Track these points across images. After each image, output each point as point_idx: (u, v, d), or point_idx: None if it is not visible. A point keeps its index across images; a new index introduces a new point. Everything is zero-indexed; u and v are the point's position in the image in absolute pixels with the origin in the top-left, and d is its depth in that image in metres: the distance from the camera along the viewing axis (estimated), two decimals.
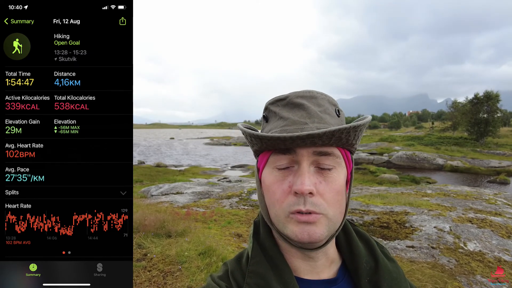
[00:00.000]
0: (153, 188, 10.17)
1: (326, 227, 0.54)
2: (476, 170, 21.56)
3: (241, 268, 0.60)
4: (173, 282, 3.22)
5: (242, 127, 0.60)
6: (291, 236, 0.54)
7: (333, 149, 0.54)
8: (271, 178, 0.56)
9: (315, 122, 0.54)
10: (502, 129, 39.31)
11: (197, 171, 19.39)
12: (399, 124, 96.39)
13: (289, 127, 0.54)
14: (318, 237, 0.53)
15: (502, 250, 4.09)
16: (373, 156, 26.44)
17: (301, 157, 0.53)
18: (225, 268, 0.62)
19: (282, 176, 0.55)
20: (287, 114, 0.56)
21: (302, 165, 0.53)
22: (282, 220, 0.55)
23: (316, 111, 0.55)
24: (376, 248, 0.64)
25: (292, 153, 0.54)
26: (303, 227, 0.53)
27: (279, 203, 0.54)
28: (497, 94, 34.79)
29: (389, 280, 0.58)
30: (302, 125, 0.54)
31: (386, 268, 0.60)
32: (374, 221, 5.52)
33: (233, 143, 49.05)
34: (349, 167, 0.59)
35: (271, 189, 0.56)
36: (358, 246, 0.63)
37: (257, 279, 0.55)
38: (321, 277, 0.59)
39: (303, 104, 0.56)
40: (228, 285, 0.57)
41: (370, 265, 0.60)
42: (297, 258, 0.59)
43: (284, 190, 0.54)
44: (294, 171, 0.54)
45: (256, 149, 0.60)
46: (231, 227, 5.50)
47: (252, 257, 0.59)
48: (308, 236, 0.52)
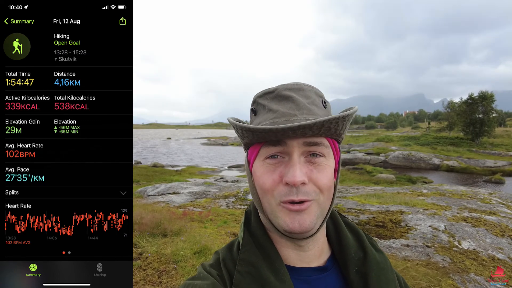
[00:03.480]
0: (149, 188, 10.13)
1: (316, 214, 0.55)
2: (472, 170, 21.74)
3: (232, 256, 0.61)
4: (168, 281, 3.22)
5: (233, 121, 0.61)
6: (283, 226, 0.55)
7: (322, 139, 0.56)
8: (262, 169, 0.57)
9: (304, 113, 0.55)
10: (497, 129, 39.67)
11: (194, 171, 19.35)
12: (395, 124, 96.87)
13: (279, 119, 0.55)
14: (308, 225, 0.54)
15: (496, 248, 4.13)
16: (369, 156, 26.56)
17: (291, 148, 0.54)
18: (217, 256, 0.63)
19: (273, 167, 0.56)
20: (276, 107, 0.57)
21: (293, 156, 0.54)
22: (274, 209, 0.56)
23: (304, 102, 0.56)
24: (365, 239, 0.66)
25: (282, 145, 0.55)
26: (294, 216, 0.54)
27: (270, 192, 0.55)
28: (492, 94, 35.08)
29: (376, 270, 0.60)
30: (292, 116, 0.55)
31: (374, 259, 0.62)
32: (369, 220, 5.55)
33: (230, 143, 49.01)
34: (337, 156, 0.61)
35: (261, 180, 0.57)
36: (347, 237, 0.64)
37: (248, 266, 0.56)
38: (310, 265, 0.61)
39: (291, 96, 0.57)
40: (219, 273, 0.58)
41: (358, 255, 0.62)
42: (287, 248, 0.60)
43: (274, 179, 0.55)
44: (285, 162, 0.55)
45: (246, 142, 0.61)
46: (227, 226, 5.50)
47: (243, 245, 0.60)
48: (298, 225, 0.54)
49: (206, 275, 0.57)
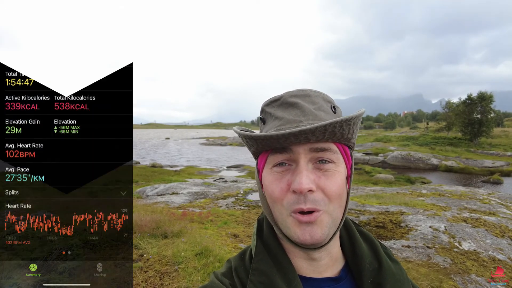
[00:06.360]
0: (148, 188, 10.11)
1: (327, 225, 0.54)
2: (470, 170, 21.78)
3: (244, 265, 0.60)
4: (170, 282, 3.21)
5: (237, 130, 0.60)
6: (294, 237, 0.54)
7: (330, 144, 0.55)
8: (270, 177, 0.56)
9: (309, 119, 0.54)
10: (496, 129, 39.73)
11: (193, 171, 19.32)
12: (394, 125, 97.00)
13: (284, 126, 0.54)
14: (320, 237, 0.53)
15: (496, 249, 4.14)
16: (368, 156, 26.58)
17: (297, 155, 0.53)
18: (229, 265, 0.63)
19: (281, 175, 0.55)
20: (281, 114, 0.56)
21: (300, 163, 0.53)
22: (284, 219, 0.55)
23: (310, 108, 0.55)
24: (380, 249, 0.64)
25: (289, 152, 0.54)
26: (305, 228, 0.53)
27: (279, 201, 0.54)
28: (491, 95, 35.15)
29: (392, 282, 0.58)
30: (297, 123, 0.54)
31: (389, 270, 0.60)
32: (370, 221, 5.55)
33: (229, 143, 48.98)
34: (349, 163, 0.59)
35: (270, 188, 0.56)
36: (362, 247, 0.63)
37: (261, 276, 0.56)
38: (323, 276, 0.60)
39: (297, 103, 0.56)
40: (231, 282, 0.58)
41: (373, 266, 0.60)
42: (300, 258, 0.59)
43: (282, 188, 0.54)
44: (292, 170, 0.54)
45: (253, 151, 0.60)
46: (228, 227, 5.49)
47: (256, 255, 0.59)
48: (310, 237, 0.53)
49: (218, 284, 0.57)
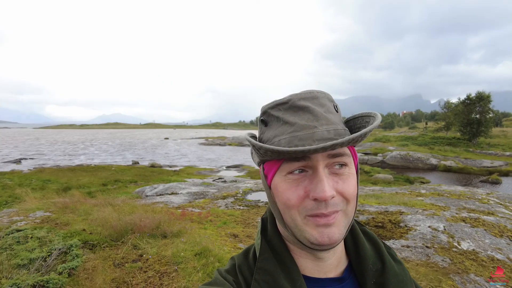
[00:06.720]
0: (147, 188, 10.10)
1: (344, 225, 0.55)
2: (469, 170, 21.87)
3: (248, 264, 0.61)
4: (170, 282, 3.20)
5: (253, 141, 0.55)
6: (311, 239, 0.53)
7: (345, 149, 0.55)
8: (285, 185, 0.55)
9: (323, 124, 0.54)
10: (494, 129, 39.90)
11: (192, 171, 19.30)
12: (393, 125, 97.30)
13: (299, 133, 0.53)
14: (338, 237, 0.53)
15: (495, 249, 4.14)
16: (367, 156, 26.63)
17: (316, 162, 0.52)
18: (232, 262, 0.63)
19: (296, 182, 0.54)
20: (293, 119, 0.55)
21: (319, 170, 0.52)
22: (299, 224, 0.54)
23: (321, 112, 0.55)
24: (384, 250, 0.64)
25: (306, 159, 0.53)
26: (323, 230, 0.53)
27: (295, 207, 0.54)
28: (489, 95, 35.28)
29: (395, 283, 0.58)
30: (312, 129, 0.53)
31: (392, 271, 0.60)
32: (369, 220, 5.55)
33: (228, 143, 49.00)
34: (355, 160, 0.60)
35: (285, 195, 0.54)
36: (365, 247, 0.63)
37: (265, 275, 0.56)
38: (327, 276, 0.60)
39: (307, 107, 0.55)
40: (235, 279, 0.58)
41: (376, 266, 0.61)
42: (305, 258, 0.60)
43: (299, 195, 0.53)
44: (309, 176, 0.53)
45: (265, 159, 0.57)
46: (227, 227, 5.49)
47: (261, 254, 0.59)
48: (328, 238, 0.52)
49: (222, 281, 0.57)
